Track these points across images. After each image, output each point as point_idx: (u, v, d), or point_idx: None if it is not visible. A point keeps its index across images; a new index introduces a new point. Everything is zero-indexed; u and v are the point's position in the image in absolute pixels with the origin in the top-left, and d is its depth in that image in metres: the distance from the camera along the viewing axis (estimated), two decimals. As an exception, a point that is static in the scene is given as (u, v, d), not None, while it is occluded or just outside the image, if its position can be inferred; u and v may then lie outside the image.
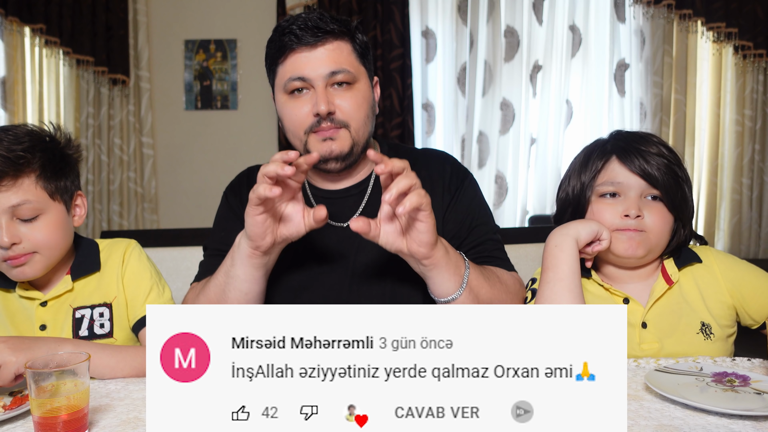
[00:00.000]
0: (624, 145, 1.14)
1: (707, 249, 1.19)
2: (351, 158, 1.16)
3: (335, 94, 1.12)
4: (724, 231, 3.65)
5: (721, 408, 0.81)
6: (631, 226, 1.10)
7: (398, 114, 3.63)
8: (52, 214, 1.08)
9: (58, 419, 0.77)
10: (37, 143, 1.08)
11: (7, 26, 3.61)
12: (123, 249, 1.22)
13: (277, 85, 1.16)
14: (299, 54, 1.11)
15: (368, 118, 1.16)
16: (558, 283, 1.05)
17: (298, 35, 1.09)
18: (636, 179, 1.11)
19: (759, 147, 3.60)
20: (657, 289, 1.13)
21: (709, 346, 1.11)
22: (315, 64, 1.10)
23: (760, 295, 1.13)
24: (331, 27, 1.10)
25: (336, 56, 1.11)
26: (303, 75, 1.11)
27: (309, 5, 3.66)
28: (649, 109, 3.63)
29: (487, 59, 3.68)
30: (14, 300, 1.15)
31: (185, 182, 3.86)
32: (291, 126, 1.15)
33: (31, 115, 3.71)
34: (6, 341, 0.94)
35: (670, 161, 1.12)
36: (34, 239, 1.06)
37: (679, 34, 3.59)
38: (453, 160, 1.29)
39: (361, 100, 1.14)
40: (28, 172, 1.05)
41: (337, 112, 1.12)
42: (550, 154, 3.69)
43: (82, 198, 1.18)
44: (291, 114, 1.14)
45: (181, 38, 3.81)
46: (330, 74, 1.10)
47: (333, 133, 1.12)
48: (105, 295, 1.17)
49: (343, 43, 1.13)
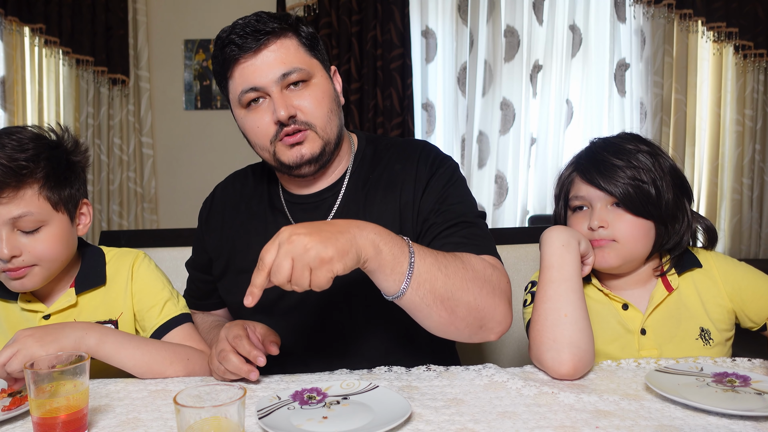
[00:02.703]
0: (586, 161, 1.15)
1: (707, 253, 1.19)
2: (324, 158, 1.11)
3: (292, 95, 1.07)
4: (725, 231, 3.65)
5: (722, 408, 0.81)
6: (598, 237, 1.11)
7: (398, 114, 3.63)
8: (54, 226, 1.04)
9: (57, 420, 0.77)
10: (42, 150, 1.02)
11: (7, 26, 3.61)
12: (131, 262, 1.18)
13: (232, 100, 1.11)
14: (245, 63, 1.06)
15: (332, 112, 1.11)
16: (563, 284, 1.03)
17: (239, 44, 1.04)
18: (597, 192, 1.12)
19: (759, 147, 3.60)
20: (657, 296, 1.14)
21: (707, 351, 1.11)
22: (264, 70, 1.05)
23: (759, 297, 1.13)
24: (271, 26, 1.05)
25: (283, 56, 1.06)
26: (255, 84, 1.05)
27: (309, 5, 3.66)
28: (650, 109, 3.63)
29: (487, 59, 3.67)
30: (16, 312, 1.11)
31: (185, 182, 3.86)
32: (255, 139, 1.10)
33: (30, 115, 3.71)
34: (33, 334, 0.92)
35: (637, 168, 1.09)
36: (35, 252, 1.02)
37: (680, 33, 3.59)
38: (430, 151, 1.20)
39: (321, 95, 1.09)
40: (31, 183, 1.00)
41: (299, 114, 1.07)
42: (550, 154, 3.69)
43: (87, 206, 1.13)
44: (252, 127, 1.09)
45: (180, 38, 3.80)
46: (282, 76, 1.05)
47: (300, 137, 1.07)
48: (110, 311, 1.14)
49: (288, 40, 1.07)
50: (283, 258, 0.82)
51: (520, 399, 0.90)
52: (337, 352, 1.14)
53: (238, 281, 1.20)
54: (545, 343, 0.99)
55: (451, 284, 0.93)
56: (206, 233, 1.27)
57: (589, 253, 1.10)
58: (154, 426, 0.83)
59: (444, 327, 0.97)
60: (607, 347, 1.13)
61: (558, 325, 0.99)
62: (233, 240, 1.22)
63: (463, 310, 0.95)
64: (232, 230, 1.23)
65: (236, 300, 1.22)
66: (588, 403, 0.88)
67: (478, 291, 0.96)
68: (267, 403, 0.87)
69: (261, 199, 1.23)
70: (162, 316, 1.15)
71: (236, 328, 1.03)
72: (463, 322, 0.96)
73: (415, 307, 0.93)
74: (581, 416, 0.83)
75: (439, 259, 0.94)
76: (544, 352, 0.98)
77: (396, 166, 1.18)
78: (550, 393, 0.92)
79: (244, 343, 0.98)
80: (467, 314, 0.96)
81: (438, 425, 0.81)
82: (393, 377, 1.01)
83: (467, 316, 0.96)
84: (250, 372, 0.97)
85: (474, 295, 0.96)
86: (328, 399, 0.90)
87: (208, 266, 1.27)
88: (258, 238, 1.19)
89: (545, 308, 1.02)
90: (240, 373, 0.98)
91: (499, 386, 0.95)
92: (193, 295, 1.33)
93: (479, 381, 0.98)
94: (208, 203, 1.31)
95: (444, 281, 0.93)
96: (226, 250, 1.22)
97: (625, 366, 1.04)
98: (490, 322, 0.99)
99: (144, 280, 1.17)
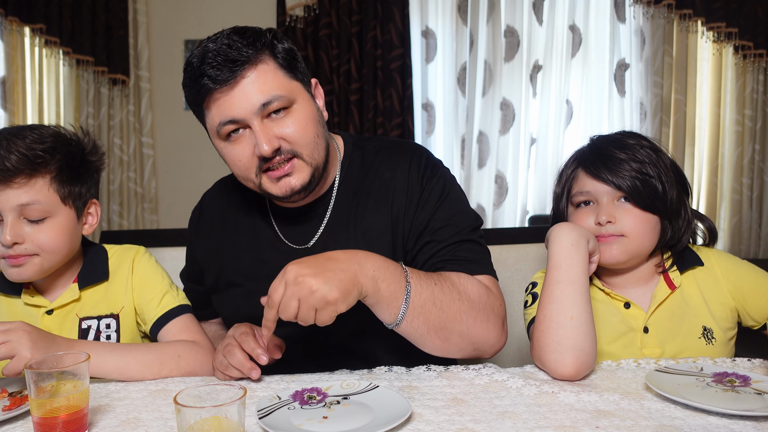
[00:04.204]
0: (590, 155, 1.15)
1: (709, 251, 1.19)
2: (314, 183, 1.07)
3: (274, 125, 1.00)
4: (724, 231, 3.65)
5: (722, 408, 0.81)
6: (606, 232, 1.10)
7: (398, 114, 3.63)
8: (60, 219, 1.07)
9: (57, 420, 0.77)
10: (60, 145, 1.06)
11: (7, 26, 3.61)
12: (132, 257, 1.20)
13: (210, 131, 1.05)
14: (221, 96, 0.99)
15: (318, 135, 1.05)
16: (570, 285, 1.01)
17: (213, 76, 0.97)
18: (603, 186, 1.11)
19: (759, 147, 3.60)
20: (659, 294, 1.13)
21: (710, 350, 1.11)
22: (242, 102, 0.98)
23: (761, 295, 1.13)
24: (246, 54, 0.97)
25: (261, 84, 0.98)
26: (233, 117, 0.99)
27: (309, 5, 3.66)
28: (649, 109, 3.63)
29: (487, 59, 3.67)
30: (19, 307, 1.13)
31: (185, 182, 3.86)
32: (238, 171, 1.05)
33: (31, 115, 3.71)
34: (30, 333, 0.93)
35: (642, 162, 1.10)
36: (38, 241, 1.04)
37: (679, 34, 3.59)
38: (420, 157, 1.15)
39: (305, 120, 1.03)
40: (44, 173, 1.04)
41: (283, 144, 1.01)
42: (550, 154, 3.69)
43: (96, 206, 1.16)
44: (234, 160, 1.03)
45: (181, 38, 3.80)
46: (262, 107, 0.98)
47: (288, 169, 1.02)
48: (112, 306, 1.16)
49: (265, 65, 1.00)
50: (290, 299, 0.88)
51: (520, 399, 0.90)
52: (336, 358, 1.14)
53: (228, 294, 1.20)
54: (549, 345, 0.98)
55: (444, 317, 0.99)
56: (196, 244, 1.27)
57: (596, 251, 1.10)
58: (154, 426, 0.83)
59: (439, 352, 1.03)
60: (610, 346, 1.13)
61: (563, 327, 0.98)
62: (222, 253, 1.21)
63: (456, 338, 1.01)
64: (220, 243, 1.22)
65: (228, 313, 1.23)
66: (588, 403, 0.88)
67: (471, 321, 1.01)
68: (267, 403, 0.87)
69: (249, 212, 1.21)
70: (160, 307, 1.16)
71: (244, 326, 1.06)
72: (456, 347, 1.03)
73: (410, 335, 1.00)
74: (581, 416, 0.83)
75: (435, 293, 0.98)
76: (547, 354, 0.98)
77: (386, 174, 1.15)
78: (550, 393, 0.92)
79: (249, 340, 1.01)
80: (460, 341, 1.02)
81: (438, 425, 0.81)
82: (393, 377, 1.01)
83: (460, 343, 1.02)
84: (252, 370, 0.98)
85: (467, 325, 1.01)
86: (328, 399, 0.90)
87: (200, 277, 1.27)
88: (247, 253, 1.18)
89: (550, 309, 1.01)
90: (242, 369, 0.99)
91: (499, 386, 0.95)
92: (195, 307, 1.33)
93: (479, 381, 0.98)
94: (196, 214, 1.30)
95: (438, 314, 0.98)
96: (216, 263, 1.22)
97: (625, 366, 1.04)
98: (483, 346, 1.05)
99: (143, 273, 1.19)
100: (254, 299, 1.08)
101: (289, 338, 1.10)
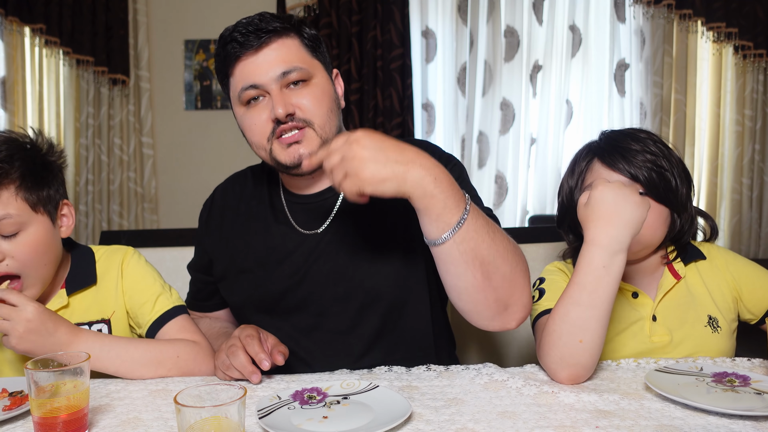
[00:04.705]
0: (606, 146, 1.14)
1: (709, 245, 1.21)
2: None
3: (292, 94, 1.06)
4: (724, 231, 3.65)
5: (722, 408, 0.81)
6: None
7: (398, 114, 3.63)
8: (35, 229, 1.02)
9: (57, 419, 0.77)
10: (16, 151, 1.01)
11: (7, 26, 3.61)
12: (120, 259, 1.16)
13: (233, 98, 1.11)
14: (246, 61, 1.06)
15: (332, 112, 1.10)
16: (590, 311, 0.94)
17: (241, 41, 1.05)
18: (619, 176, 1.10)
19: (759, 147, 3.60)
20: (665, 284, 1.15)
21: (716, 338, 1.12)
22: (264, 67, 1.05)
23: (758, 288, 1.15)
24: (273, 26, 1.06)
25: (284, 55, 1.06)
26: (254, 82, 1.05)
27: (309, 5, 3.66)
28: (649, 109, 3.63)
29: (487, 59, 3.68)
30: None
31: (185, 182, 3.86)
32: (252, 137, 1.10)
33: (31, 115, 3.71)
34: (29, 322, 0.93)
35: (656, 154, 1.11)
36: (18, 257, 1.00)
37: (679, 34, 3.59)
38: (434, 150, 1.17)
39: (321, 94, 1.08)
40: (7, 184, 0.98)
41: (297, 112, 1.06)
42: (550, 154, 3.69)
43: (68, 207, 1.11)
44: (250, 124, 1.09)
45: (181, 38, 3.80)
46: (282, 75, 1.05)
47: (298, 136, 1.06)
48: (102, 311, 1.13)
49: (290, 39, 1.08)
50: (336, 152, 0.88)
51: (520, 399, 0.90)
52: (337, 354, 1.14)
53: (239, 280, 1.20)
54: (551, 356, 0.97)
55: (494, 250, 0.92)
56: (206, 235, 1.28)
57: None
58: (154, 426, 0.84)
59: (472, 292, 0.94)
60: (619, 335, 1.14)
61: (569, 346, 0.95)
62: (233, 240, 1.22)
63: (498, 278, 0.93)
64: (231, 231, 1.23)
65: (237, 300, 1.23)
66: (588, 403, 0.88)
67: (515, 265, 0.95)
68: (267, 403, 0.87)
69: (261, 200, 1.23)
70: (155, 311, 1.13)
71: (250, 329, 1.05)
72: (494, 293, 0.94)
73: (452, 260, 0.92)
74: (581, 416, 0.83)
75: (490, 224, 0.94)
76: (548, 363, 0.98)
77: None
78: (550, 393, 0.92)
79: (254, 343, 1.00)
80: (501, 284, 0.94)
81: (438, 425, 0.81)
82: (393, 377, 1.01)
83: (500, 287, 0.94)
84: (253, 374, 0.98)
85: (512, 267, 0.94)
86: (328, 399, 0.90)
87: (209, 267, 1.27)
88: (257, 238, 1.19)
89: (562, 328, 0.96)
90: (244, 372, 0.99)
91: (498, 386, 0.95)
92: (195, 296, 1.34)
93: (479, 380, 0.98)
94: (207, 205, 1.31)
95: (489, 244, 0.91)
96: (227, 251, 1.22)
97: (625, 366, 1.04)
98: (515, 305, 0.97)
99: (134, 276, 1.16)
100: (264, 285, 1.09)
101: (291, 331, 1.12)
